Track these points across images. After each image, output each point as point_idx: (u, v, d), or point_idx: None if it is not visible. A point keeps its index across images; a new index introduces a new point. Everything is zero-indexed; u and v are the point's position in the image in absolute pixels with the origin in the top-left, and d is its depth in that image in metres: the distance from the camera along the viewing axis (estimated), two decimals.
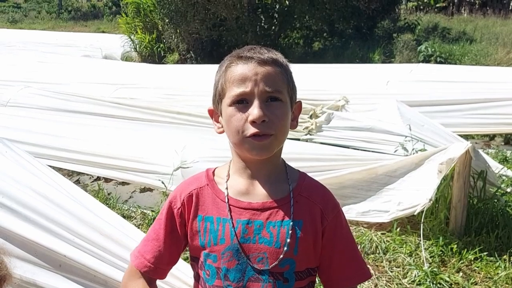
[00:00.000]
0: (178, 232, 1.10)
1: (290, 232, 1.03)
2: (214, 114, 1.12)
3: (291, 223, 1.03)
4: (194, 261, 1.12)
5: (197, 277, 1.12)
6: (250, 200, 1.05)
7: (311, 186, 1.11)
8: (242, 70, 1.02)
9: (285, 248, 1.03)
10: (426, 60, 9.63)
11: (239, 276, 1.03)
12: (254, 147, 1.01)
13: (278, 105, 1.02)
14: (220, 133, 1.11)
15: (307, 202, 1.07)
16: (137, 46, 13.31)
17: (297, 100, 1.11)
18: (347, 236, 1.12)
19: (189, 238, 1.10)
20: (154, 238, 1.13)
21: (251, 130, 1.00)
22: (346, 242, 1.11)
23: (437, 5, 16.40)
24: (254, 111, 0.99)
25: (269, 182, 1.07)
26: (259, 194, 1.06)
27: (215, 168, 1.15)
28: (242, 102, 1.01)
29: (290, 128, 1.07)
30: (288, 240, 1.02)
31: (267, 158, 1.04)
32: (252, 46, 1.07)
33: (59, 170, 3.06)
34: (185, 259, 1.91)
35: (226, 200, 1.06)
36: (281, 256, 1.03)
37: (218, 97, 1.07)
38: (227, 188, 1.07)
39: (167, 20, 11.98)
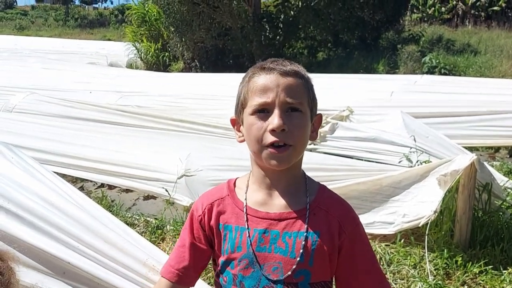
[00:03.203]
0: (200, 239, 1.14)
1: (304, 243, 1.04)
2: (236, 123, 1.14)
3: (306, 234, 1.05)
4: (215, 264, 1.16)
5: (216, 283, 1.15)
6: (267, 210, 1.07)
7: (330, 199, 1.12)
8: (264, 81, 1.04)
9: (298, 259, 1.04)
10: (431, 71, 9.65)
11: (254, 283, 1.05)
12: (272, 157, 1.03)
13: (298, 116, 1.04)
14: (241, 142, 1.13)
15: (325, 215, 1.08)
16: (143, 54, 13.41)
17: (318, 113, 1.12)
18: (367, 250, 1.13)
19: (216, 243, 1.13)
20: (180, 245, 1.18)
21: (270, 138, 1.01)
22: (365, 255, 1.11)
23: (442, 17, 16.47)
24: (274, 120, 1.01)
25: (288, 193, 1.08)
26: (277, 204, 1.08)
27: (237, 178, 1.17)
28: (263, 112, 1.03)
29: (309, 139, 1.09)
30: (301, 251, 1.04)
31: (286, 169, 1.06)
32: (275, 59, 1.09)
33: (63, 176, 3.06)
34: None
35: (244, 210, 1.08)
36: (295, 267, 1.04)
37: (240, 106, 1.09)
38: (246, 199, 1.10)
39: (172, 29, 12.08)
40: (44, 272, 1.72)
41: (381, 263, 2.80)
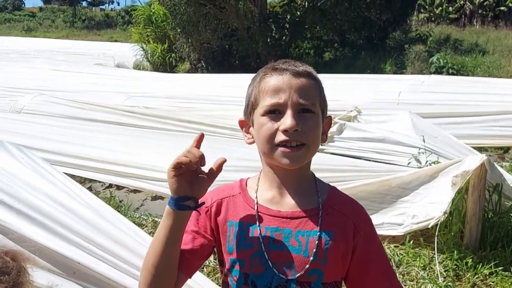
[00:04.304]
0: (206, 228, 1.10)
1: (317, 242, 1.03)
2: (245, 125, 1.12)
3: (319, 233, 1.03)
4: (221, 265, 1.13)
5: (225, 283, 1.11)
6: (279, 209, 1.06)
7: (343, 199, 1.11)
8: (277, 81, 1.03)
9: (312, 258, 1.02)
10: (438, 71, 9.58)
11: (266, 283, 1.03)
12: (285, 156, 1.01)
13: (311, 117, 1.03)
14: (250, 143, 1.10)
15: (339, 215, 1.07)
16: (149, 55, 13.46)
17: (328, 115, 1.12)
18: (380, 250, 1.12)
19: (222, 241, 1.10)
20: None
21: (282, 137, 1.00)
22: (379, 255, 1.11)
23: (449, 17, 16.38)
24: (287, 120, 0.99)
25: (299, 193, 1.07)
26: (288, 203, 1.06)
27: (248, 179, 1.16)
28: (274, 112, 1.02)
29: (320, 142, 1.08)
30: (315, 250, 1.02)
31: (297, 169, 1.04)
32: (286, 60, 1.08)
33: (71, 177, 3.07)
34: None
35: (256, 208, 1.06)
36: (308, 266, 1.02)
37: (251, 107, 1.08)
38: (256, 197, 1.08)
39: (179, 30, 12.11)
40: (55, 272, 1.73)
41: (390, 265, 2.79)
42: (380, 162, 3.84)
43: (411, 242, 2.95)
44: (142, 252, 1.82)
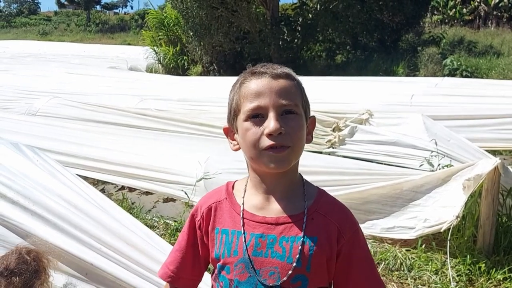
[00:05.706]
0: (198, 243, 1.12)
1: (300, 248, 1.02)
2: (229, 132, 1.12)
3: (303, 239, 1.02)
4: (213, 268, 1.14)
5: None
6: (264, 215, 1.05)
7: (329, 204, 1.09)
8: (256, 85, 1.03)
9: (295, 264, 1.01)
10: (452, 74, 9.49)
11: None
12: (271, 160, 1.00)
13: (294, 118, 1.02)
14: (236, 150, 1.10)
15: (323, 220, 1.06)
16: (161, 58, 13.58)
17: (311, 115, 1.11)
18: (365, 255, 1.10)
19: (210, 248, 1.11)
20: (177, 249, 1.16)
21: (267, 142, 0.99)
22: (364, 261, 1.09)
23: (463, 18, 16.20)
24: (271, 123, 0.99)
25: (285, 198, 1.06)
26: (274, 209, 1.06)
27: (235, 181, 1.15)
28: (257, 117, 1.02)
29: (305, 142, 1.06)
30: (298, 256, 1.01)
31: (283, 173, 1.04)
32: (265, 64, 1.08)
33: (84, 179, 3.11)
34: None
35: (241, 214, 1.06)
36: (291, 272, 1.01)
37: (233, 113, 1.08)
38: (243, 203, 1.08)
39: (191, 33, 12.20)
40: (67, 272, 1.75)
41: (402, 269, 2.77)
42: (392, 165, 3.82)
43: (423, 246, 2.92)
44: (153, 253, 1.84)
